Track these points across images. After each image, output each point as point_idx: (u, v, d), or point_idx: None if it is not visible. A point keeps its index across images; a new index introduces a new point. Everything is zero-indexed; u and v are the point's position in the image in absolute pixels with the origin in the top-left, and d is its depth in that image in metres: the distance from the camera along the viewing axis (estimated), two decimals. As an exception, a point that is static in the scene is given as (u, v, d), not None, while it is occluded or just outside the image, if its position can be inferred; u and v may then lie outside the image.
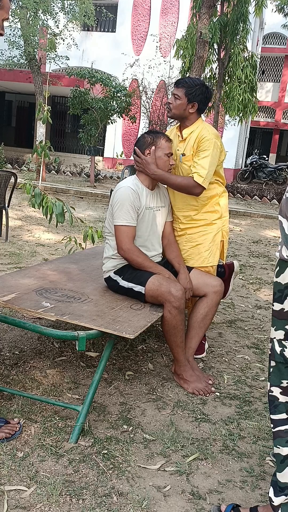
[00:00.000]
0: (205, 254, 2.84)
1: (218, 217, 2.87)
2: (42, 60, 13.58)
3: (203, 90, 2.72)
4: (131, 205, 2.55)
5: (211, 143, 2.69)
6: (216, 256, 2.88)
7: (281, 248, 1.54)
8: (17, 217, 7.28)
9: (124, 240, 2.55)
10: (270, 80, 25.41)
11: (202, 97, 2.73)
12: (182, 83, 2.72)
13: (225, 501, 1.80)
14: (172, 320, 2.45)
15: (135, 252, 2.55)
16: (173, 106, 2.74)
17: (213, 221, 2.86)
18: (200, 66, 8.49)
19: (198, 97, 2.71)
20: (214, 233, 2.86)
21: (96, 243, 3.87)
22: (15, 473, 1.82)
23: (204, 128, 2.75)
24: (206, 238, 2.84)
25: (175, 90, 2.75)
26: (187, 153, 2.76)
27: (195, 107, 2.74)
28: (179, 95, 2.71)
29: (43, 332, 2.11)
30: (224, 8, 10.97)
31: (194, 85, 2.71)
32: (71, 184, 12.66)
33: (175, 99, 2.74)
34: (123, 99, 12.13)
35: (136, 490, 1.80)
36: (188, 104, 2.72)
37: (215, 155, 2.72)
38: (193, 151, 2.74)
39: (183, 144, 2.79)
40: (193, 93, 2.70)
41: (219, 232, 2.88)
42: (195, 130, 2.76)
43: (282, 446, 1.58)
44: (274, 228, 8.96)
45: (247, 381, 2.77)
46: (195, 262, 2.83)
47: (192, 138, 2.75)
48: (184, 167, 2.79)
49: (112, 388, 2.52)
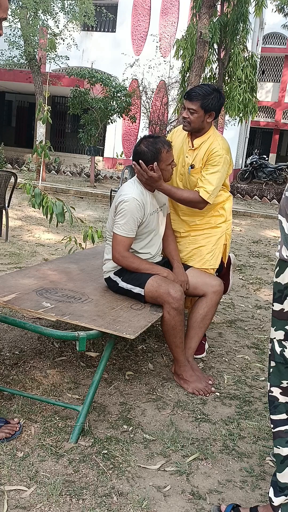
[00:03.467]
0: (207, 257, 2.83)
1: (223, 221, 2.85)
2: (42, 60, 13.58)
3: (217, 97, 2.63)
4: (134, 218, 2.51)
5: (222, 158, 2.63)
6: (218, 259, 2.87)
7: (281, 248, 1.54)
8: (17, 217, 7.28)
9: (119, 249, 2.54)
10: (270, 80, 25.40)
11: (217, 104, 2.64)
12: (196, 96, 2.59)
13: (225, 501, 1.80)
14: (171, 321, 2.45)
15: (129, 258, 2.55)
16: (191, 121, 2.63)
17: (218, 225, 2.84)
18: (200, 66, 8.49)
19: (214, 105, 2.62)
20: (218, 236, 2.84)
21: (96, 243, 3.87)
22: (15, 473, 1.82)
23: (215, 140, 2.68)
24: (210, 241, 2.83)
25: (188, 104, 2.62)
26: (196, 165, 2.71)
27: (212, 116, 2.66)
28: (195, 108, 2.60)
29: (43, 332, 2.11)
30: (224, 8, 10.97)
31: (208, 94, 2.60)
32: (71, 184, 12.66)
33: (191, 113, 2.62)
34: (123, 99, 12.13)
35: (136, 490, 1.81)
36: (205, 115, 2.63)
37: (224, 171, 2.67)
38: (202, 164, 2.69)
39: (192, 153, 2.73)
40: (209, 103, 2.60)
41: (223, 236, 2.86)
42: (206, 141, 2.69)
43: (282, 446, 1.58)
44: (274, 228, 8.96)
45: (247, 381, 2.77)
46: (196, 263, 2.83)
47: (202, 149, 2.69)
48: (192, 179, 2.75)
49: (112, 388, 2.52)
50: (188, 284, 2.67)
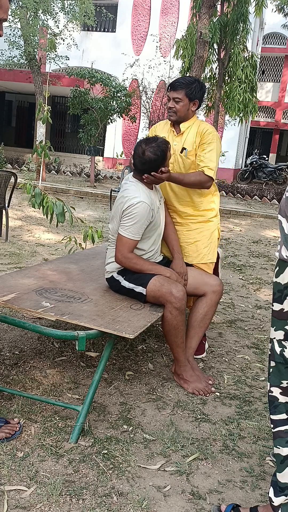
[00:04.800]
0: (204, 251, 2.85)
1: (215, 215, 2.90)
2: (42, 60, 13.57)
3: (199, 86, 2.74)
4: (143, 221, 2.50)
5: (214, 136, 2.73)
6: (214, 253, 2.91)
7: (281, 248, 1.54)
8: (17, 217, 7.28)
9: (123, 251, 2.54)
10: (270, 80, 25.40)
11: (201, 93, 2.75)
12: (180, 85, 2.71)
13: (225, 501, 1.80)
14: (173, 321, 2.45)
15: (133, 259, 2.55)
16: (177, 110, 2.72)
17: (210, 219, 2.88)
18: (200, 66, 8.48)
19: (198, 94, 2.73)
20: (211, 230, 2.88)
21: (96, 243, 3.87)
22: (15, 473, 1.82)
23: (202, 122, 2.79)
24: (204, 235, 2.86)
25: (173, 93, 2.72)
26: (189, 147, 2.76)
27: (196, 105, 2.76)
28: (180, 97, 2.71)
29: (43, 332, 2.11)
30: (224, 8, 10.97)
31: (191, 83, 2.71)
32: (71, 184, 12.66)
33: (177, 102, 2.71)
34: (123, 99, 12.13)
35: (136, 490, 1.81)
36: (190, 103, 2.73)
37: (219, 147, 2.76)
38: (196, 145, 2.75)
39: (180, 139, 2.79)
40: (193, 91, 2.71)
41: (216, 230, 2.91)
42: (193, 125, 2.78)
43: (282, 446, 1.58)
44: (274, 228, 8.96)
45: (247, 381, 2.77)
46: (193, 259, 2.84)
47: (191, 132, 2.76)
48: (187, 161, 2.78)
49: (112, 388, 2.52)
50: (187, 275, 2.69)
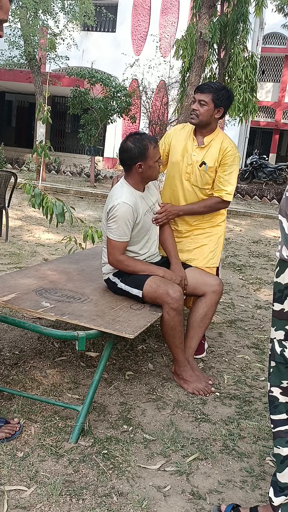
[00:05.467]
0: (210, 255, 2.85)
1: (223, 220, 2.90)
2: (42, 60, 13.57)
3: (228, 94, 2.67)
4: (126, 222, 2.49)
5: (236, 158, 2.70)
6: (218, 257, 2.91)
7: (281, 248, 1.54)
8: (17, 217, 7.28)
9: (114, 253, 2.54)
10: (270, 80, 25.40)
11: (227, 101, 2.68)
12: (208, 88, 2.64)
13: (225, 501, 1.80)
14: (170, 321, 2.45)
15: (125, 261, 2.55)
16: (201, 113, 2.65)
17: (219, 223, 2.87)
18: (200, 66, 8.48)
19: (224, 102, 2.66)
20: (219, 235, 2.87)
21: (96, 243, 3.87)
22: (15, 473, 1.82)
23: (225, 139, 2.72)
24: (212, 239, 2.85)
25: (200, 95, 2.65)
26: (210, 163, 2.72)
27: (221, 112, 2.69)
28: (206, 101, 2.63)
29: (43, 332, 2.11)
30: (224, 8, 10.96)
31: (220, 90, 2.64)
32: (71, 184, 12.66)
33: (201, 105, 2.65)
34: (123, 99, 12.13)
35: (136, 490, 1.80)
36: (215, 110, 2.66)
37: (237, 169, 2.75)
38: (217, 163, 2.71)
39: (201, 151, 2.74)
40: (220, 98, 2.64)
41: (223, 235, 2.91)
42: (216, 139, 2.71)
43: (282, 446, 1.58)
44: (274, 228, 8.96)
45: (247, 381, 2.77)
46: (198, 262, 2.84)
47: (213, 147, 2.71)
48: (206, 176, 2.75)
49: (112, 388, 2.52)
50: (186, 280, 2.68)
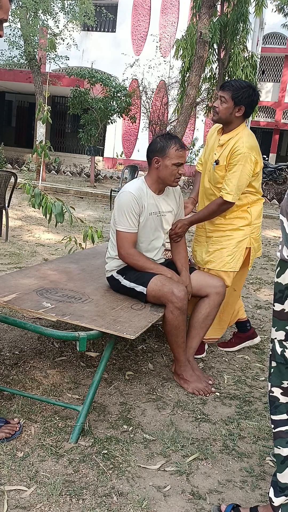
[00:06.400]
0: (227, 259, 2.80)
1: (246, 224, 2.82)
2: (42, 60, 13.57)
3: (250, 92, 2.64)
4: (130, 211, 2.52)
5: (242, 157, 2.62)
6: (238, 262, 2.82)
7: (282, 248, 1.54)
8: (17, 217, 7.28)
9: (124, 245, 2.55)
10: (270, 80, 25.38)
11: (249, 100, 2.65)
12: (228, 86, 2.65)
13: (225, 501, 1.80)
14: (174, 321, 2.45)
15: (135, 256, 2.56)
16: (220, 110, 2.66)
17: (240, 227, 2.81)
18: (200, 66, 8.48)
19: (245, 100, 2.64)
20: (239, 239, 2.81)
21: (96, 243, 3.87)
22: (15, 473, 1.82)
23: (241, 138, 2.67)
24: (231, 242, 2.81)
25: (221, 92, 2.67)
26: (221, 161, 2.71)
27: (242, 111, 2.66)
28: (226, 98, 2.64)
29: (44, 333, 2.11)
30: (224, 8, 10.97)
31: (241, 88, 2.62)
32: (71, 184, 12.66)
33: (222, 102, 2.65)
34: (123, 99, 12.13)
35: (136, 490, 1.80)
36: (235, 108, 2.65)
37: (246, 169, 2.65)
38: (226, 162, 2.70)
39: (220, 150, 2.74)
40: (240, 96, 2.62)
41: (246, 239, 2.82)
42: (233, 138, 2.69)
43: (283, 446, 1.58)
44: (274, 228, 8.96)
45: (247, 381, 2.77)
46: (216, 265, 2.82)
47: (228, 146, 2.69)
48: (216, 176, 2.76)
49: (112, 388, 2.52)
50: (190, 286, 2.68)
